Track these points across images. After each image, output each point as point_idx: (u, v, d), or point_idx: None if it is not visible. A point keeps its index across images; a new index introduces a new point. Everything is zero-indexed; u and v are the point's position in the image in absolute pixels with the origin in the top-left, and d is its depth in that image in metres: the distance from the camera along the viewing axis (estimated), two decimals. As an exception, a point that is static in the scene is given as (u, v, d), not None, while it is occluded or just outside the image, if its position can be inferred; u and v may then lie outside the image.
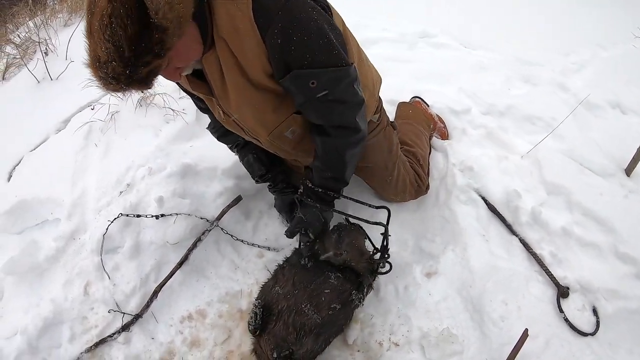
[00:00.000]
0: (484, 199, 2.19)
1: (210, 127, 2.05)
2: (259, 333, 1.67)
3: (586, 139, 2.55)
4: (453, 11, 3.85)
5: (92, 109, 2.89)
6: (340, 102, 1.55)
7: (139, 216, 2.13)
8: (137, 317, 1.95)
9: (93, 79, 1.24)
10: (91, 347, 1.88)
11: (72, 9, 4.24)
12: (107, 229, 2.10)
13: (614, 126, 2.71)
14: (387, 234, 1.80)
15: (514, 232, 2.08)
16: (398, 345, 1.86)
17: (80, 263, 2.09)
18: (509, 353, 1.65)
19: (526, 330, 1.69)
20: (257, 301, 1.75)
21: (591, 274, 1.94)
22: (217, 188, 2.32)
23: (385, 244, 1.83)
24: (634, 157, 2.30)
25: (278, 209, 2.22)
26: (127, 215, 2.14)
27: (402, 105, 2.59)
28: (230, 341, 1.93)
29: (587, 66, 3.28)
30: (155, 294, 2.00)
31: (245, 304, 2.03)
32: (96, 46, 1.17)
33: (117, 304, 1.97)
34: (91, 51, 1.20)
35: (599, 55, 3.44)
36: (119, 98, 2.78)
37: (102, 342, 1.89)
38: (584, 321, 1.85)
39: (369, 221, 1.79)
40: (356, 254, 1.82)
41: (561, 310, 1.86)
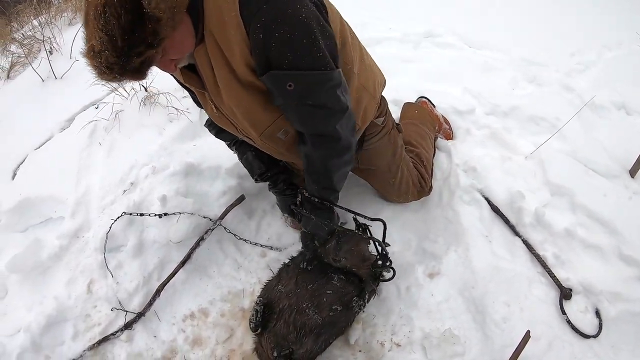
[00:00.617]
0: (487, 199, 2.19)
1: (207, 124, 2.01)
2: (260, 331, 1.68)
3: (591, 140, 2.53)
4: (458, 11, 3.83)
5: (96, 107, 2.91)
6: (320, 108, 1.48)
7: (142, 215, 2.14)
8: (139, 315, 1.96)
9: (89, 67, 1.24)
10: (94, 344, 1.89)
11: (76, 7, 4.26)
12: (110, 227, 2.11)
13: (619, 127, 2.69)
14: (383, 246, 1.77)
15: (517, 233, 2.08)
16: (400, 346, 1.86)
17: (84, 261, 2.11)
18: (510, 354, 1.64)
19: (528, 332, 1.68)
20: (259, 299, 1.75)
21: (594, 275, 1.93)
22: (220, 187, 2.32)
23: (384, 252, 1.80)
24: (638, 159, 2.29)
25: (280, 209, 2.20)
26: (131, 214, 2.14)
27: (408, 106, 2.58)
28: (232, 340, 1.94)
29: (592, 67, 3.26)
30: (158, 292, 2.00)
31: (247, 303, 2.03)
32: (91, 35, 1.18)
33: (120, 302, 1.98)
34: (87, 40, 1.21)
35: (604, 55, 3.41)
36: (123, 97, 2.80)
37: (104, 340, 1.90)
38: (587, 323, 1.84)
39: (368, 217, 1.79)
40: (357, 260, 1.81)
41: (564, 312, 1.85)
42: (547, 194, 2.22)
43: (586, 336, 1.80)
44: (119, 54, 1.16)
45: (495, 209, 2.15)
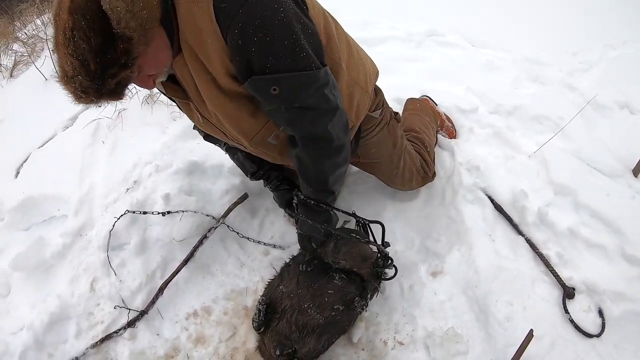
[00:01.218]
0: (490, 198, 2.18)
1: (196, 127, 1.95)
2: (263, 330, 1.68)
3: (594, 139, 2.53)
4: (461, 10, 3.83)
5: (99, 106, 2.90)
6: (308, 109, 1.42)
7: (145, 213, 2.14)
8: (142, 313, 1.96)
9: (64, 92, 1.22)
10: (97, 342, 1.89)
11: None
12: (113, 225, 2.11)
13: (622, 126, 2.68)
14: (382, 248, 1.76)
15: (520, 232, 2.07)
16: (403, 344, 1.86)
17: (87, 259, 2.11)
18: (513, 354, 1.64)
19: (531, 331, 1.68)
20: (261, 298, 1.75)
21: (597, 275, 1.92)
22: (223, 185, 2.32)
23: (383, 254, 1.77)
24: (642, 158, 2.29)
25: (278, 205, 2.17)
26: (134, 212, 2.15)
27: (410, 100, 2.58)
28: (235, 338, 1.94)
29: (595, 66, 3.25)
30: (161, 290, 2.01)
31: (250, 301, 2.03)
32: (62, 61, 1.15)
33: (123, 300, 1.99)
34: (59, 66, 1.18)
35: (607, 55, 3.41)
36: (125, 96, 2.80)
37: (107, 337, 1.91)
38: (590, 322, 1.83)
39: (366, 219, 1.78)
40: (357, 261, 1.79)
41: (567, 312, 1.85)
42: (551, 193, 2.22)
43: (589, 335, 1.79)
44: (92, 77, 1.13)
45: (499, 208, 2.14)
